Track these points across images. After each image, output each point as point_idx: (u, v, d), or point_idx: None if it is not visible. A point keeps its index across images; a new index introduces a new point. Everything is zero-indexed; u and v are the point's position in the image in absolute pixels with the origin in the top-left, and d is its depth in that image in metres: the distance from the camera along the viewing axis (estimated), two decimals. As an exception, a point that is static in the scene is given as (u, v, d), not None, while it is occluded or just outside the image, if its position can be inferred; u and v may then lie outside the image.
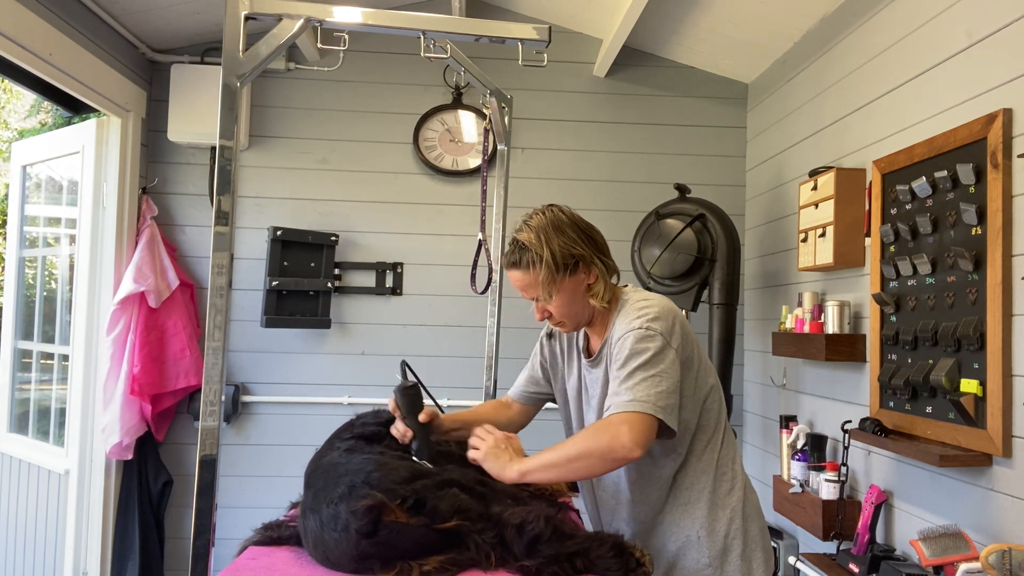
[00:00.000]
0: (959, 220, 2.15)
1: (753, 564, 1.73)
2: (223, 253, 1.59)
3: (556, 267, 1.67)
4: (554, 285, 1.68)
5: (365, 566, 1.44)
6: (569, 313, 1.73)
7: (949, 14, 2.27)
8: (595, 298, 1.72)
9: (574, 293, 1.71)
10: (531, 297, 1.73)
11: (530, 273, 1.69)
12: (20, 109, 8.94)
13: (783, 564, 3.06)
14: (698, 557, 1.70)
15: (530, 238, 1.68)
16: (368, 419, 1.86)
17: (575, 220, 1.74)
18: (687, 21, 3.37)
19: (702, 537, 1.70)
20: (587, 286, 1.72)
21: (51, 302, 3.71)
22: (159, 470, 3.52)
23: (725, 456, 1.76)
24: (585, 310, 1.74)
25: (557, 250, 1.66)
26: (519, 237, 1.71)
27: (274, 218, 3.66)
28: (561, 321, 1.76)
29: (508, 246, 1.75)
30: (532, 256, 1.67)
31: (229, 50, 1.63)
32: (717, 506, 1.72)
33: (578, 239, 1.70)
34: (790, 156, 3.31)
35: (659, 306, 1.68)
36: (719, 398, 1.77)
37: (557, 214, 1.73)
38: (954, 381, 2.11)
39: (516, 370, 2.10)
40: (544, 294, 1.69)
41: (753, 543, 1.74)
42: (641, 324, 1.62)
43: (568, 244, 1.68)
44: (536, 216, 1.73)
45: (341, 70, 3.65)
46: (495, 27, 1.91)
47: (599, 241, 1.76)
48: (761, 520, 1.80)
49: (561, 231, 1.69)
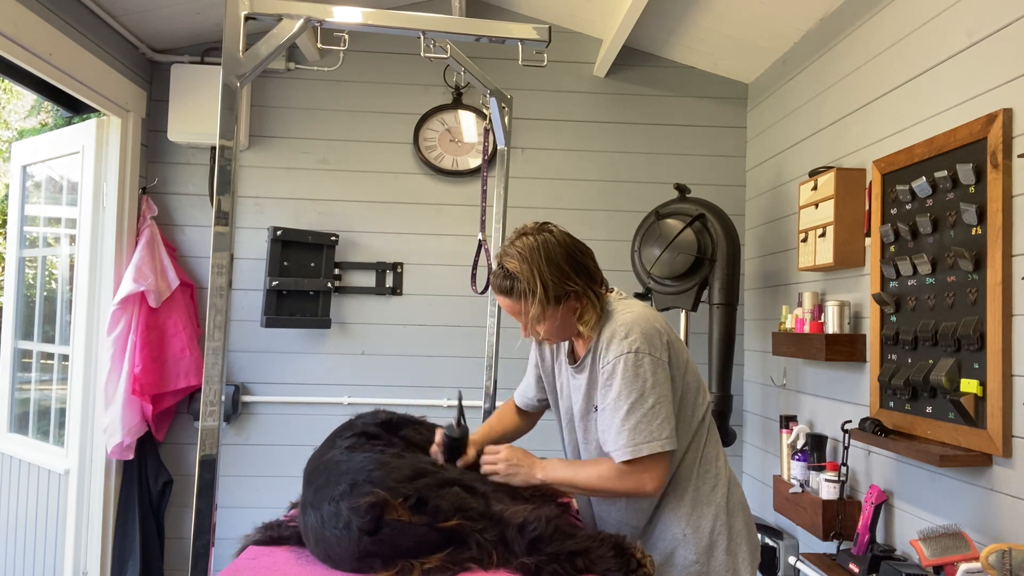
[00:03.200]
0: (959, 220, 2.15)
1: (739, 558, 1.75)
2: (223, 253, 1.59)
3: (548, 300, 1.64)
4: (544, 316, 1.67)
5: (366, 564, 1.44)
6: (558, 334, 1.75)
7: (949, 14, 2.27)
8: (584, 325, 1.71)
9: (564, 319, 1.71)
10: (526, 321, 1.71)
11: (520, 304, 1.67)
12: (20, 109, 8.94)
13: (783, 564, 3.07)
14: (685, 554, 1.73)
15: (520, 269, 1.64)
16: (368, 419, 1.87)
17: (568, 248, 1.68)
18: (687, 21, 3.37)
19: (688, 535, 1.72)
20: (580, 312, 1.71)
21: (51, 302, 3.71)
22: (159, 470, 3.52)
23: (709, 454, 1.78)
24: (573, 330, 1.75)
25: (550, 285, 1.64)
26: (508, 266, 1.66)
27: (274, 218, 3.66)
28: (547, 339, 1.76)
29: (496, 269, 1.70)
30: (523, 288, 1.64)
31: (229, 50, 1.63)
32: (701, 503, 1.74)
33: (571, 272, 1.66)
34: (790, 156, 3.31)
35: (643, 320, 1.67)
36: (702, 398, 1.78)
37: (548, 240, 1.67)
38: (954, 381, 2.11)
39: (516, 370, 2.10)
40: (537, 322, 1.69)
41: (738, 537, 1.76)
42: (629, 347, 1.62)
43: (561, 279, 1.65)
44: (527, 239, 1.67)
45: (341, 70, 3.66)
46: (495, 27, 1.91)
47: (591, 267, 1.72)
48: (745, 514, 1.81)
49: (553, 263, 1.64)
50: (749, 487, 3.66)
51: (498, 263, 1.70)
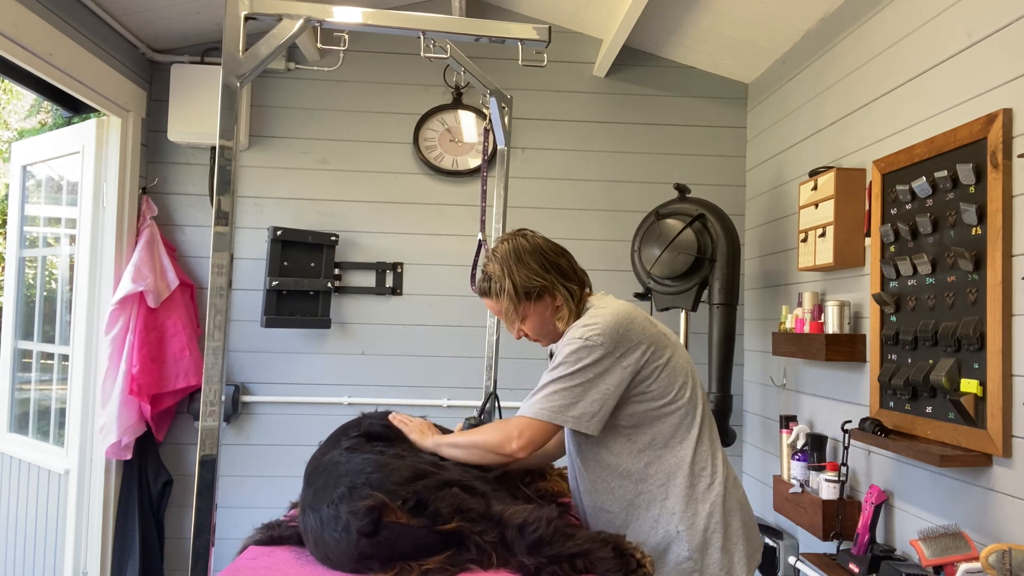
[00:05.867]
0: (959, 220, 2.15)
1: (734, 557, 1.76)
2: (223, 253, 1.59)
3: (518, 296, 1.79)
4: (518, 312, 1.81)
5: (365, 566, 1.44)
6: (542, 333, 1.86)
7: (949, 14, 2.27)
8: (561, 321, 1.82)
9: (542, 316, 1.83)
10: (506, 321, 1.85)
11: (498, 303, 1.83)
12: (20, 109, 8.95)
13: (783, 564, 3.07)
14: (679, 551, 1.73)
15: (494, 269, 1.81)
16: (375, 419, 1.87)
17: (539, 248, 1.82)
18: (687, 21, 3.37)
19: (681, 532, 1.73)
20: (555, 308, 1.83)
21: (51, 302, 3.71)
22: (159, 470, 3.52)
23: (703, 452, 1.78)
24: (553, 328, 1.85)
25: (519, 281, 1.78)
26: (486, 268, 1.84)
27: (274, 218, 3.66)
28: (537, 339, 1.89)
29: (480, 274, 1.88)
30: (497, 287, 1.81)
31: (229, 50, 1.63)
32: (696, 500, 1.75)
33: (540, 268, 1.80)
34: (790, 156, 3.31)
35: (609, 316, 1.74)
36: (693, 396, 1.79)
37: (520, 242, 1.82)
38: (954, 381, 2.11)
39: (516, 370, 2.12)
40: (515, 318, 1.83)
41: (735, 536, 1.76)
42: (581, 335, 1.71)
43: (529, 275, 1.79)
44: (502, 245, 1.84)
45: (341, 70, 3.66)
46: (495, 27, 1.91)
47: (563, 266, 1.84)
48: (745, 515, 1.81)
49: (522, 261, 1.79)
50: (749, 487, 3.67)
51: (481, 270, 1.86)
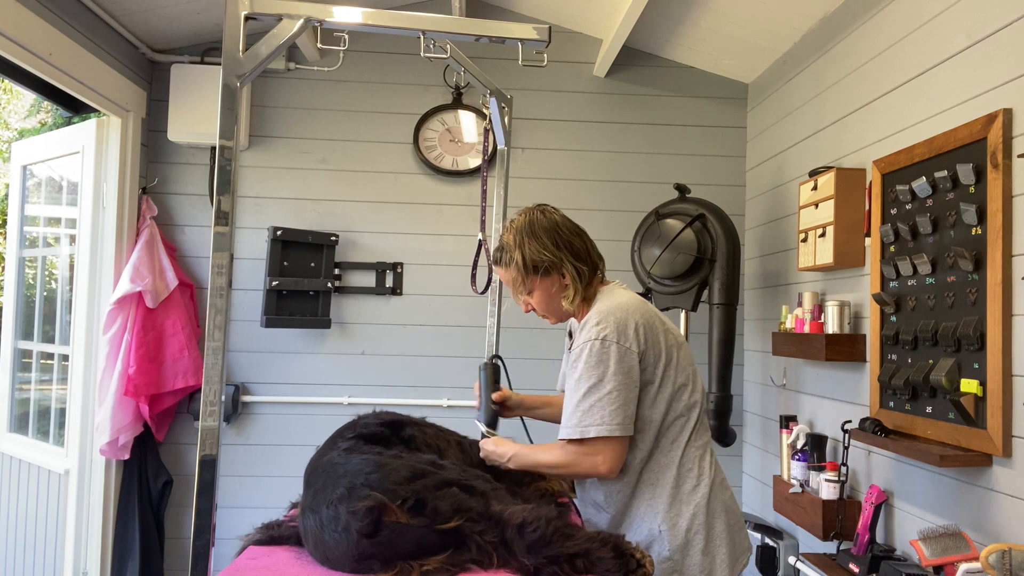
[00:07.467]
0: (959, 220, 2.15)
1: (716, 559, 1.74)
2: (223, 253, 1.59)
3: (525, 269, 1.81)
4: (525, 284, 1.84)
5: (365, 566, 1.44)
6: (549, 309, 1.88)
7: (949, 14, 2.27)
8: (566, 300, 1.84)
9: (548, 292, 1.85)
10: (513, 291, 1.88)
11: (507, 272, 1.86)
12: (20, 109, 8.95)
13: (783, 564, 3.06)
14: (660, 550, 1.73)
15: (509, 239, 1.84)
16: (370, 420, 1.87)
17: (555, 224, 1.83)
18: (687, 21, 3.37)
19: (663, 531, 1.73)
20: (562, 286, 1.84)
21: (51, 302, 3.71)
22: (159, 470, 3.52)
23: (692, 453, 1.78)
24: (559, 306, 1.87)
25: (528, 254, 1.80)
26: (503, 237, 1.87)
27: (274, 218, 3.66)
28: (544, 315, 1.91)
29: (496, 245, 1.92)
30: (507, 256, 1.84)
31: (229, 50, 1.63)
32: (680, 501, 1.74)
33: (551, 244, 1.80)
34: (790, 156, 3.31)
35: (619, 310, 1.74)
36: (692, 396, 1.79)
37: (537, 216, 1.84)
38: (954, 381, 2.11)
39: (516, 370, 2.12)
40: (522, 290, 1.86)
41: (717, 539, 1.75)
42: (597, 335, 1.71)
43: (539, 250, 1.80)
44: (520, 217, 1.86)
45: (341, 70, 3.66)
46: (495, 27, 1.91)
47: (576, 245, 1.84)
48: (731, 518, 1.80)
49: (535, 235, 1.81)
50: (749, 487, 3.67)
51: (499, 238, 1.91)
